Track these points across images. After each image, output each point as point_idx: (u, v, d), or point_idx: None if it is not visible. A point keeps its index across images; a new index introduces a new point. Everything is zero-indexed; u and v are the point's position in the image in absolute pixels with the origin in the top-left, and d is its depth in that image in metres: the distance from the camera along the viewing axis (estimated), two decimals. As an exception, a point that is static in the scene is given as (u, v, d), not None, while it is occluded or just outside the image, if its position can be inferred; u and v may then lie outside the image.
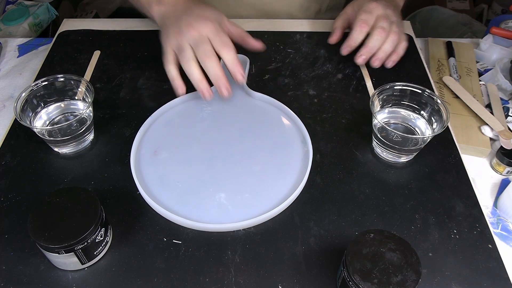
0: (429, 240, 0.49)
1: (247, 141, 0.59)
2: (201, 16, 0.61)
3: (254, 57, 0.72)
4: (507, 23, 0.82)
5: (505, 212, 0.55)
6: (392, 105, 0.60)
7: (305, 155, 0.57)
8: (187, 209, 0.51)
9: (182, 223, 0.50)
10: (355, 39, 0.68)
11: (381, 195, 0.53)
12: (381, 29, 0.65)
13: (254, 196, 0.53)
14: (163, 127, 0.61)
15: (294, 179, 0.54)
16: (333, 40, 0.74)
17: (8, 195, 0.53)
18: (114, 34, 0.77)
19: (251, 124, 0.62)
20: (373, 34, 0.66)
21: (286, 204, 0.51)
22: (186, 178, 0.55)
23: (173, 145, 0.59)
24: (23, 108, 0.56)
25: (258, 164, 0.56)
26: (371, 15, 0.67)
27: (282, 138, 0.60)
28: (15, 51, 0.80)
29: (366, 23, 0.66)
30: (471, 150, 0.62)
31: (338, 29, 0.73)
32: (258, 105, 0.64)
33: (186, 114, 0.63)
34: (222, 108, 0.64)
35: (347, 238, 0.49)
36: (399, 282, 0.38)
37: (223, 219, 0.50)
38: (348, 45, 0.68)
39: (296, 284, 0.45)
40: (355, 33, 0.67)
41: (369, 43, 0.66)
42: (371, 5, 0.68)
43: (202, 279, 0.46)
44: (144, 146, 0.58)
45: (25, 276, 0.46)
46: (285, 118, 0.62)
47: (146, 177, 0.55)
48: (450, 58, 0.75)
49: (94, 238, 0.44)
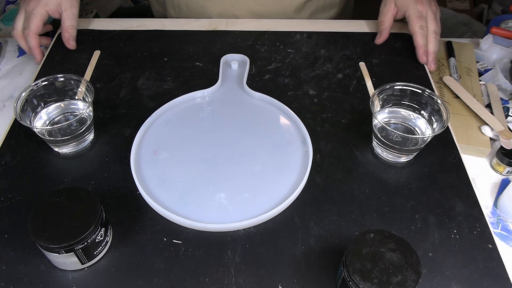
0: (429, 240, 0.49)
1: (247, 141, 0.59)
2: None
3: (254, 57, 0.72)
4: (507, 23, 0.82)
5: (505, 212, 0.55)
6: (392, 105, 0.60)
7: (305, 155, 0.57)
8: (187, 209, 0.51)
9: (182, 223, 0.50)
10: (424, 46, 0.70)
11: (381, 195, 0.53)
12: (434, 34, 0.69)
13: (254, 196, 0.53)
14: (163, 127, 0.61)
15: (294, 179, 0.54)
16: (381, 41, 0.75)
17: (8, 195, 0.53)
18: (114, 34, 0.77)
19: (251, 124, 0.62)
20: (430, 40, 0.69)
21: (286, 204, 0.51)
22: (186, 178, 0.55)
23: (173, 145, 0.59)
24: (23, 108, 0.56)
25: (258, 164, 0.56)
26: (425, 21, 0.70)
27: (282, 138, 0.60)
28: (15, 51, 0.80)
29: (424, 29, 0.70)
30: (471, 150, 0.62)
31: (386, 30, 0.75)
32: (258, 105, 0.64)
33: (186, 114, 0.63)
34: (222, 108, 0.64)
35: (347, 238, 0.49)
36: (399, 282, 0.38)
37: (223, 219, 0.50)
38: (424, 53, 0.70)
39: (296, 284, 0.45)
40: (420, 40, 0.70)
41: (430, 49, 0.69)
42: (419, 7, 0.70)
43: (202, 279, 0.46)
44: (144, 146, 0.58)
45: (25, 276, 0.46)
46: (285, 118, 0.62)
47: (146, 177, 0.55)
48: (450, 58, 0.75)
49: (94, 238, 0.44)
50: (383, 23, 0.74)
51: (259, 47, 0.75)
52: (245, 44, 0.75)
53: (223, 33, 0.78)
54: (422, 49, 0.70)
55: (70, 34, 0.72)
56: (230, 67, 0.71)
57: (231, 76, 0.70)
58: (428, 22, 0.70)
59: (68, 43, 0.72)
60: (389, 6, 0.73)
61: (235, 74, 0.70)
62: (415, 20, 0.70)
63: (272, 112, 0.63)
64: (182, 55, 0.72)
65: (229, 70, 0.71)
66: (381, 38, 0.75)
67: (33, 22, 0.69)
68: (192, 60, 0.72)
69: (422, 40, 0.69)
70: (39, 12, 0.69)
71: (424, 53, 0.70)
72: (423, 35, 0.69)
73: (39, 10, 0.69)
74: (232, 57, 0.72)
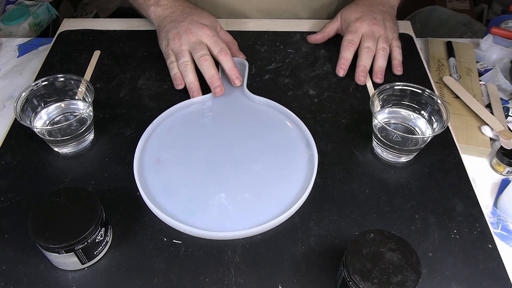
0: (429, 240, 0.49)
1: (250, 146, 0.58)
2: (199, 22, 0.67)
3: (254, 57, 0.72)
4: (507, 23, 0.82)
5: (505, 212, 0.55)
6: (392, 105, 0.60)
7: (310, 159, 0.56)
8: (191, 217, 0.50)
9: (188, 232, 0.49)
10: (344, 58, 0.70)
11: (381, 195, 0.53)
12: (366, 49, 0.68)
13: (259, 202, 0.52)
14: (165, 133, 0.60)
15: (301, 185, 0.54)
16: (313, 39, 0.75)
17: (8, 195, 0.53)
18: (114, 34, 0.77)
19: (254, 128, 0.61)
20: (361, 54, 0.69)
21: (292, 211, 0.51)
22: (191, 185, 0.54)
23: (175, 151, 0.58)
24: (23, 108, 0.56)
25: (262, 169, 0.55)
26: (356, 35, 0.70)
27: (286, 142, 0.59)
28: (15, 51, 0.80)
29: (351, 43, 0.70)
30: (471, 150, 0.62)
31: (323, 33, 0.75)
32: (260, 108, 0.64)
33: (187, 120, 0.62)
34: (223, 113, 0.63)
35: (347, 238, 0.49)
36: (399, 282, 0.38)
37: (228, 227, 0.50)
38: (341, 64, 0.70)
39: (296, 284, 0.45)
40: (343, 52, 0.70)
41: (360, 62, 0.68)
42: (356, 24, 0.70)
43: (202, 279, 0.46)
44: (146, 153, 0.57)
45: (25, 276, 0.46)
46: (287, 121, 0.62)
47: (150, 185, 0.54)
48: (450, 58, 0.75)
49: (94, 238, 0.44)
50: (325, 27, 0.75)
51: (259, 47, 0.75)
52: (245, 44, 0.75)
53: (223, 33, 0.78)
54: (339, 62, 0.70)
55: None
56: None
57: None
58: (363, 38, 0.69)
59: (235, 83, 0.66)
60: (337, 16, 0.75)
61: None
62: (345, 34, 0.71)
63: (274, 115, 0.63)
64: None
65: None
66: (315, 37, 0.75)
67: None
68: (192, 61, 0.72)
69: (343, 53, 0.69)
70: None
71: (340, 66, 0.69)
72: (346, 47, 0.69)
73: None
74: None
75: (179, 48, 0.65)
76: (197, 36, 0.65)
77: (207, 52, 0.64)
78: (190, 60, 0.65)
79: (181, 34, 0.65)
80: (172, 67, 0.66)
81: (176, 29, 0.66)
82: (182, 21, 0.67)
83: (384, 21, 0.71)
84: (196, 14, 0.68)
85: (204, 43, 0.65)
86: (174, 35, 0.66)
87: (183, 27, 0.66)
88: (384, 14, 0.72)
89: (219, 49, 0.65)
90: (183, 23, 0.67)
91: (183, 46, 0.65)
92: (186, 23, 0.67)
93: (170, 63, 0.66)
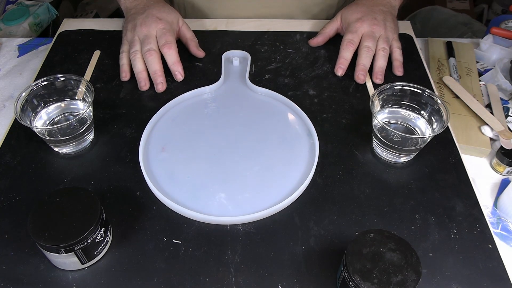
0: (429, 240, 0.49)
1: (253, 136, 0.60)
2: (155, 16, 0.69)
3: (254, 57, 0.72)
4: (507, 23, 0.82)
5: (505, 212, 0.55)
6: (392, 105, 0.60)
7: (311, 147, 0.58)
8: (195, 203, 0.52)
9: (193, 217, 0.50)
10: (343, 58, 0.70)
11: (381, 195, 0.53)
12: (366, 48, 0.68)
13: (263, 188, 0.54)
14: (169, 124, 0.62)
15: (302, 172, 0.55)
16: (314, 42, 0.75)
17: (8, 195, 0.53)
18: (114, 34, 0.77)
19: (256, 118, 0.63)
20: (361, 54, 0.69)
21: (297, 194, 0.52)
22: (194, 173, 0.55)
23: (179, 141, 0.59)
24: (23, 108, 0.56)
25: (265, 158, 0.57)
26: (356, 35, 0.70)
27: (288, 132, 0.61)
28: (15, 51, 0.80)
29: (351, 42, 0.70)
30: (471, 150, 0.62)
31: (323, 35, 0.75)
32: (262, 99, 0.66)
33: (191, 110, 0.64)
34: (226, 104, 0.65)
35: (347, 238, 0.49)
36: (399, 282, 0.38)
37: (231, 211, 0.51)
38: (340, 64, 0.70)
39: (296, 284, 0.45)
40: (343, 52, 0.70)
41: (360, 61, 0.68)
42: (357, 24, 0.70)
43: (202, 279, 0.46)
44: (151, 143, 0.59)
45: (25, 276, 0.46)
46: (289, 112, 0.63)
47: (156, 173, 0.55)
48: (450, 58, 0.75)
49: (94, 238, 0.44)
50: (325, 28, 0.75)
51: (259, 47, 0.75)
52: (245, 44, 0.75)
53: (223, 33, 0.78)
54: (338, 61, 0.70)
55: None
56: (232, 63, 0.72)
57: (233, 72, 0.70)
58: (363, 38, 0.69)
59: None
60: (336, 16, 0.75)
61: (237, 70, 0.71)
62: (345, 34, 0.71)
63: (276, 106, 0.64)
64: (182, 55, 0.72)
65: (231, 67, 0.71)
66: (316, 40, 0.75)
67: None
68: (192, 60, 0.72)
69: (342, 53, 0.69)
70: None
71: (339, 65, 0.69)
72: (346, 46, 0.69)
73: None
74: (233, 53, 0.73)
75: (132, 38, 0.68)
76: (149, 28, 0.67)
77: (154, 47, 0.66)
78: (139, 50, 0.67)
79: (136, 25, 0.68)
80: (122, 57, 0.68)
81: (134, 21, 0.69)
82: (142, 13, 0.70)
83: (385, 22, 0.71)
84: (156, 8, 0.70)
85: (154, 37, 0.67)
86: (132, 27, 0.69)
87: (140, 19, 0.69)
88: (385, 15, 0.72)
89: (163, 42, 0.66)
90: (142, 15, 0.69)
91: (135, 37, 0.68)
92: (144, 15, 0.69)
93: (121, 52, 0.69)
